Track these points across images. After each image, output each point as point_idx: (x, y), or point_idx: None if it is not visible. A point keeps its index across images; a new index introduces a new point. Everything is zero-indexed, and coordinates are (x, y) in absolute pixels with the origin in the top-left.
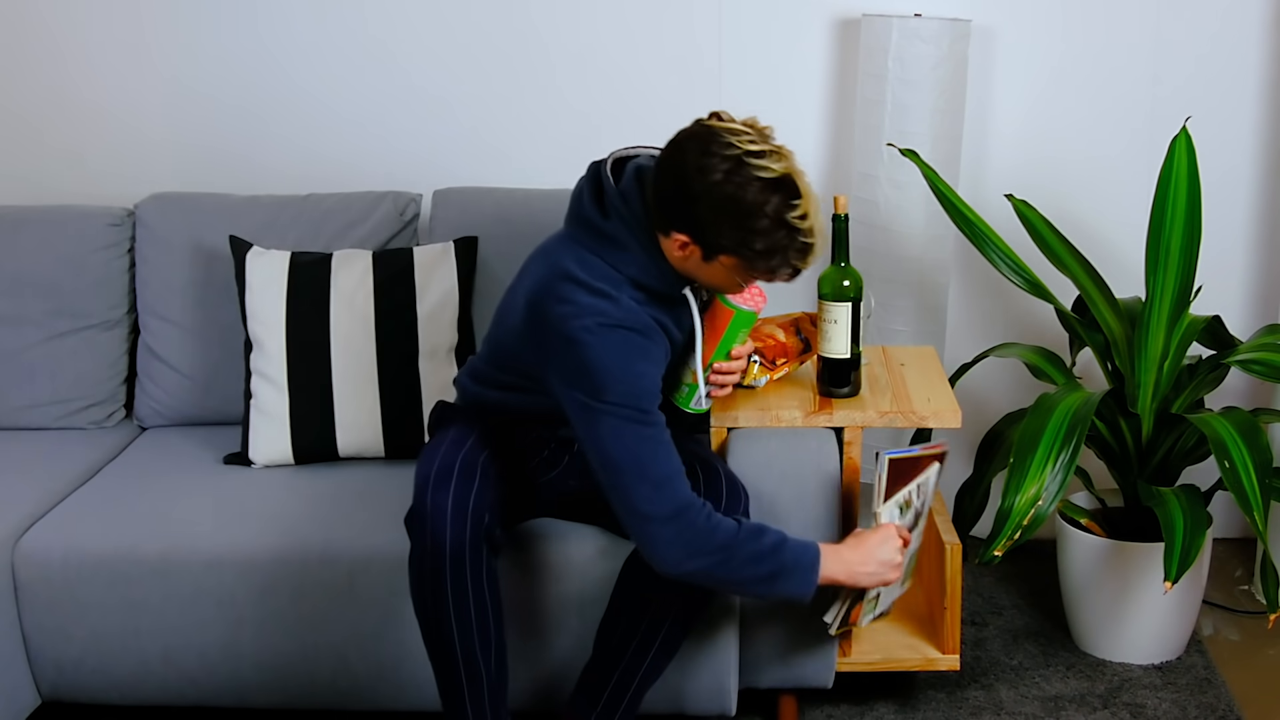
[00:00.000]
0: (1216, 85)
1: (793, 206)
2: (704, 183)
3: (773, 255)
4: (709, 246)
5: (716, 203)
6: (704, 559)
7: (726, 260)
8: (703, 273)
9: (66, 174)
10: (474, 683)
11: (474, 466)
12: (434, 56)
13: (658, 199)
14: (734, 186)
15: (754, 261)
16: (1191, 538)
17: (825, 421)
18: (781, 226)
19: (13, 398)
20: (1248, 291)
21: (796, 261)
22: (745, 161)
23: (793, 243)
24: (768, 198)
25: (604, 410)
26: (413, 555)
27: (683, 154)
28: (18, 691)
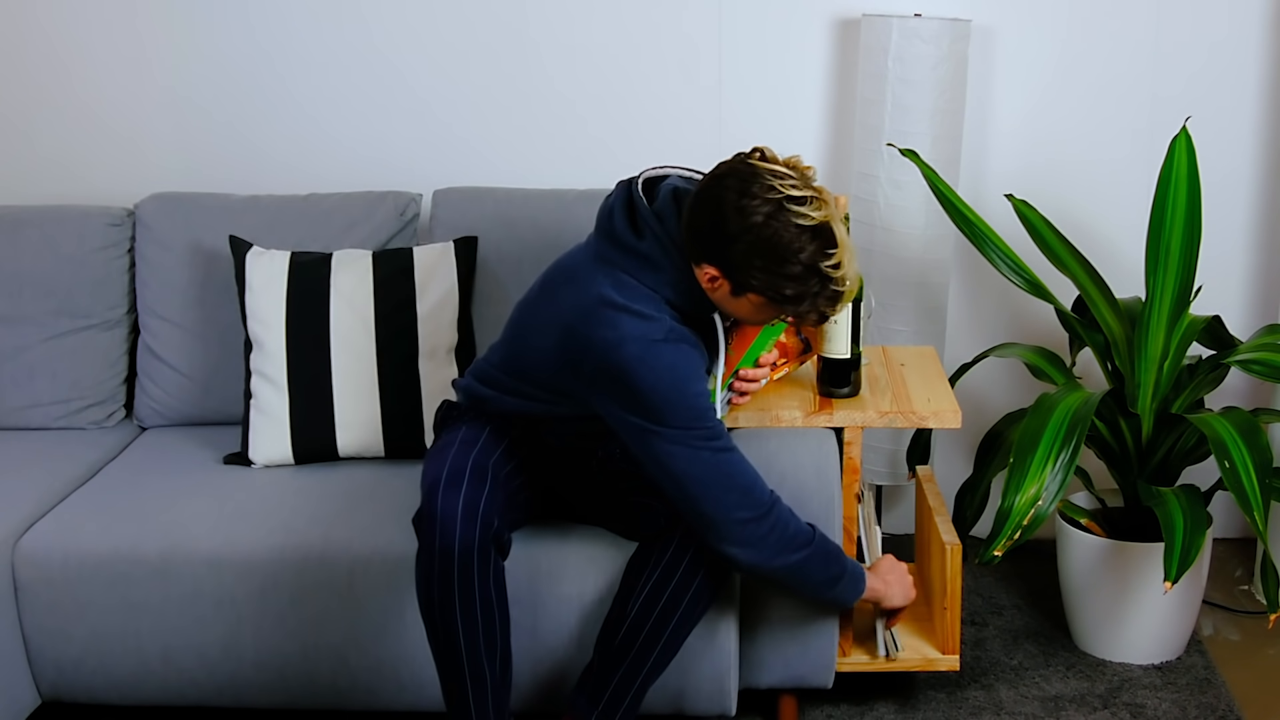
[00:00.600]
0: (1216, 85)
1: (828, 255)
2: (742, 223)
3: (802, 300)
4: (739, 285)
5: (752, 244)
6: (799, 553)
7: (755, 299)
8: (729, 305)
9: (67, 174)
10: (478, 685)
11: (485, 470)
12: (434, 57)
13: (692, 230)
14: (772, 231)
15: (783, 305)
16: (1191, 538)
17: (825, 421)
18: (815, 274)
19: (13, 398)
20: (1248, 291)
21: (825, 308)
22: (786, 207)
23: (824, 290)
24: (804, 245)
25: (670, 436)
26: (420, 557)
27: (723, 189)
28: (18, 691)
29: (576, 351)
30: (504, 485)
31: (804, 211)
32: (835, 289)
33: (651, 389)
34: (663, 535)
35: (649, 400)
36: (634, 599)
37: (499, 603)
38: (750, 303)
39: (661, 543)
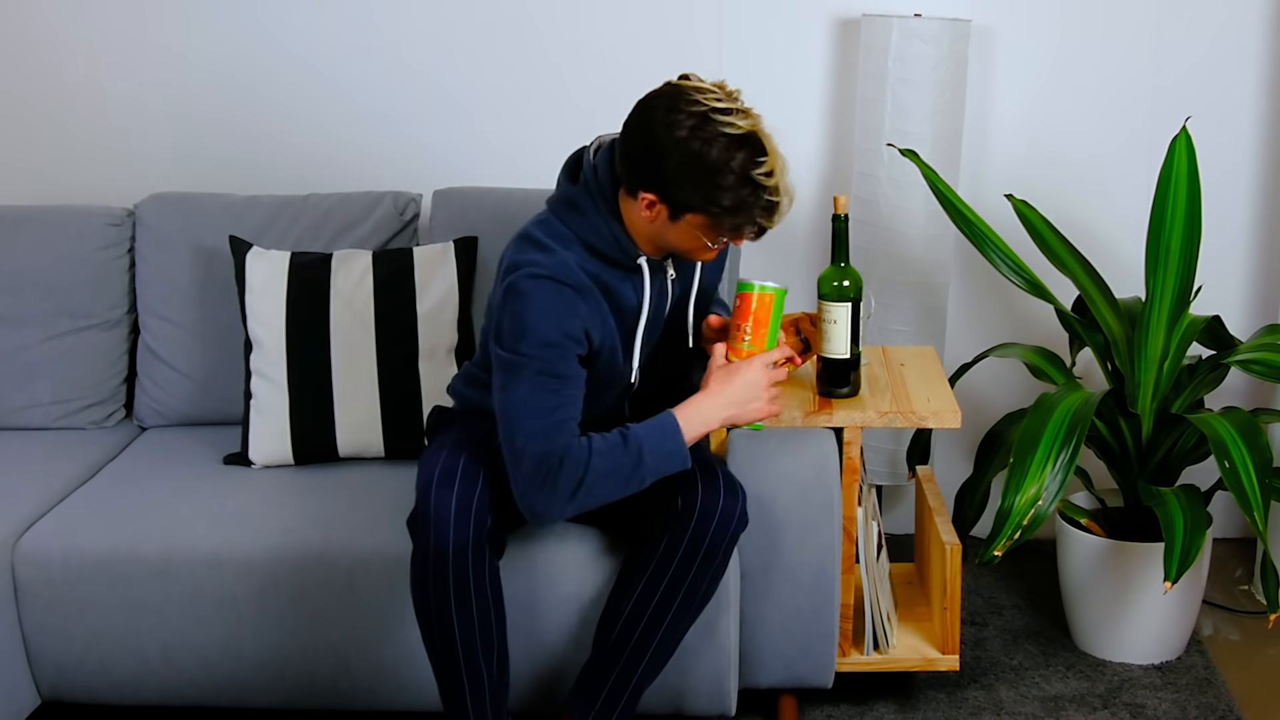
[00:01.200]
0: (1216, 85)
1: (758, 164)
2: (670, 139)
3: (738, 212)
4: (675, 204)
5: (682, 159)
6: (564, 486)
7: (693, 219)
8: (670, 235)
9: (66, 174)
10: (475, 685)
11: (477, 469)
12: (434, 56)
13: (625, 158)
14: (700, 142)
15: (720, 219)
16: (1191, 538)
17: (825, 421)
18: (747, 184)
19: (13, 398)
20: (1248, 291)
21: (762, 220)
22: (711, 118)
23: (758, 200)
24: (733, 154)
25: (516, 362)
26: (415, 557)
27: (650, 111)
28: (18, 691)
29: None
30: (498, 485)
31: (730, 121)
32: (770, 199)
33: (521, 310)
34: (657, 535)
35: (515, 323)
36: (627, 598)
37: (495, 602)
38: (690, 225)
39: (654, 542)
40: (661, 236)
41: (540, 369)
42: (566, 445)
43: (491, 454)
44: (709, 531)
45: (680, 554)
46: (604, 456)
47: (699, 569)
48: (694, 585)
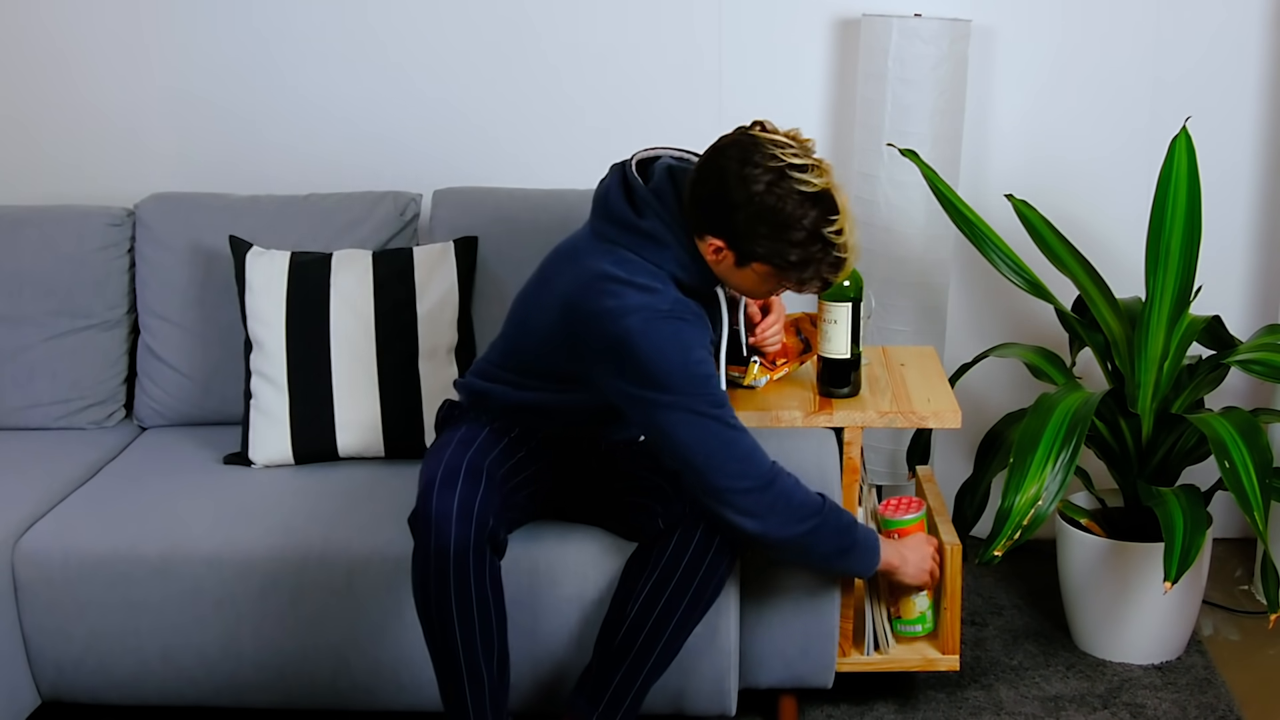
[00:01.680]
0: (1216, 85)
1: (830, 221)
2: (745, 192)
3: (806, 267)
4: (743, 254)
5: (756, 212)
6: (805, 523)
7: (759, 268)
8: (734, 277)
9: (66, 174)
10: (476, 685)
11: (480, 469)
12: (434, 56)
13: (695, 202)
14: (775, 198)
15: (786, 272)
16: (1191, 538)
17: (825, 421)
18: (818, 240)
19: (13, 398)
20: (1248, 291)
21: (829, 275)
22: (788, 174)
23: (826, 256)
24: (807, 211)
25: (672, 405)
26: (416, 557)
27: (725, 160)
28: (18, 691)
29: (579, 325)
30: (500, 485)
31: (805, 178)
32: (838, 255)
33: (654, 359)
34: (662, 536)
35: (652, 370)
36: (633, 600)
37: (495, 602)
38: (755, 273)
39: (660, 544)
40: (724, 277)
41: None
42: (775, 468)
43: (496, 453)
44: (717, 533)
45: (688, 556)
46: (837, 515)
47: (706, 571)
48: (700, 587)
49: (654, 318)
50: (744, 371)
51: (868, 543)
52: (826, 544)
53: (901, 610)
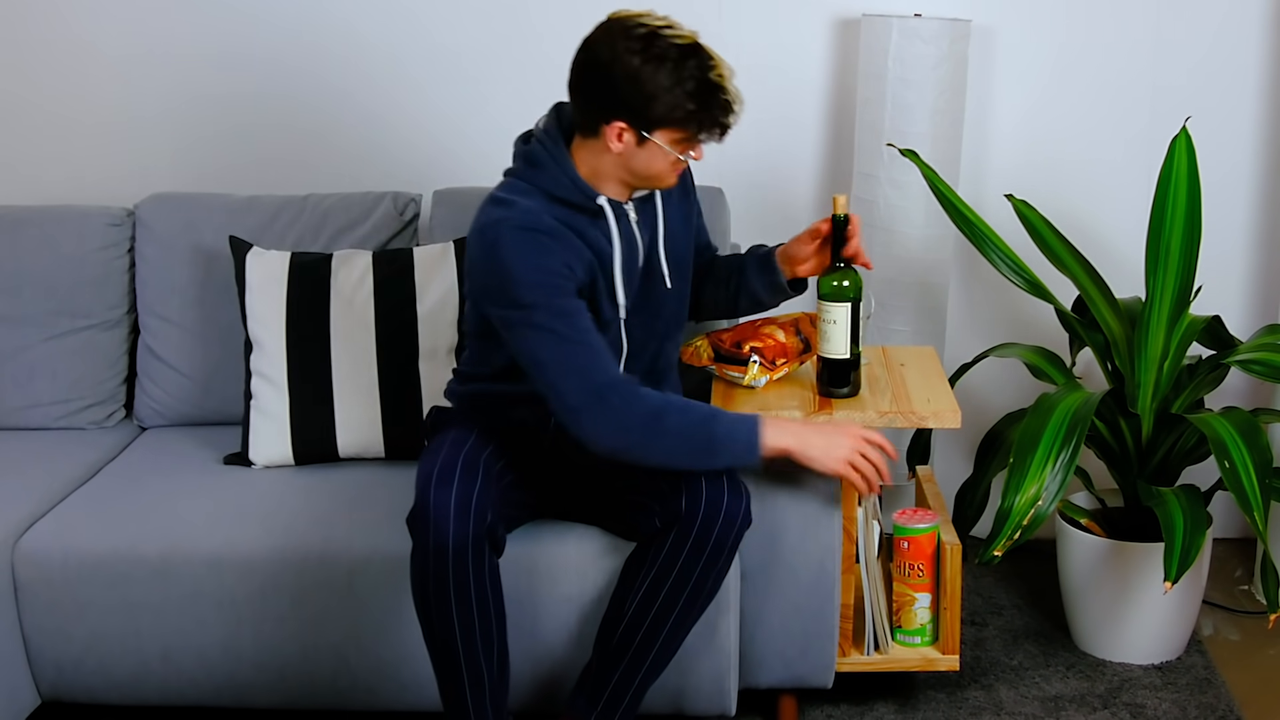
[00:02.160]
0: (1216, 85)
1: (712, 66)
2: (628, 64)
3: (702, 114)
4: (644, 123)
5: (646, 75)
6: (631, 435)
7: (662, 135)
8: (639, 161)
9: (66, 174)
10: (476, 683)
11: (476, 464)
12: (433, 56)
13: (584, 97)
14: (655, 58)
15: (686, 123)
16: (1191, 538)
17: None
18: (706, 86)
19: (13, 398)
20: (1248, 291)
21: (723, 118)
22: (659, 35)
23: (717, 100)
24: (687, 59)
25: (521, 321)
26: (415, 555)
27: (598, 49)
28: (18, 691)
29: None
30: (496, 480)
31: (674, 34)
32: (725, 98)
33: (504, 265)
34: (659, 535)
35: (502, 280)
36: (631, 598)
37: (494, 600)
38: (659, 144)
39: (658, 542)
40: (629, 166)
41: (545, 315)
42: (634, 390)
43: (490, 450)
44: (714, 531)
45: (685, 554)
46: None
47: (703, 569)
48: (698, 585)
49: (506, 229)
50: (744, 371)
51: (734, 434)
52: (678, 446)
53: (902, 621)
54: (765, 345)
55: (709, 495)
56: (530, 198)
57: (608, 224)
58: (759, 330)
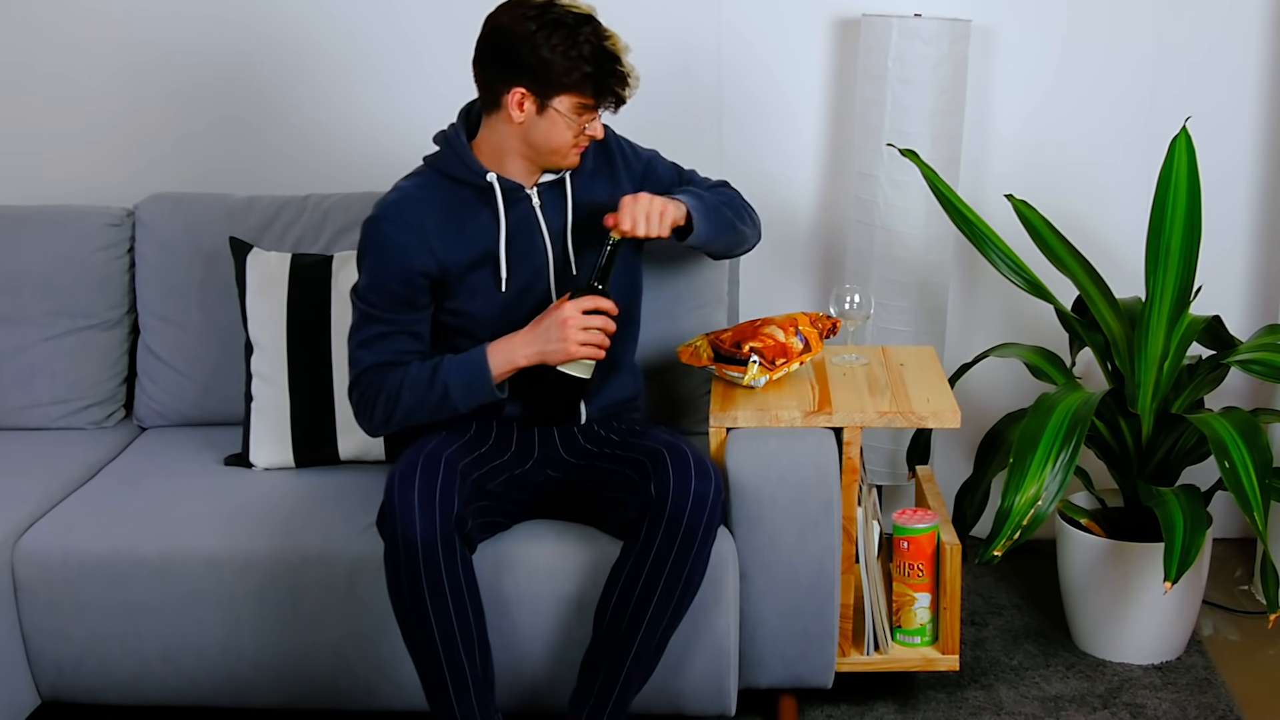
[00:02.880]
0: (1216, 85)
1: (605, 36)
2: (525, 30)
3: (601, 81)
4: (543, 86)
5: (539, 39)
6: (377, 416)
7: (560, 102)
8: (539, 132)
9: (66, 174)
10: (459, 681)
11: (438, 460)
12: (433, 56)
13: (486, 70)
14: (550, 23)
15: (583, 87)
16: (1191, 538)
17: (825, 421)
18: (600, 53)
19: (13, 398)
20: (1248, 291)
21: (619, 87)
22: (554, 4)
23: (612, 70)
24: (582, 26)
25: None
26: (387, 556)
27: (498, 19)
28: (18, 691)
29: None
30: (463, 474)
31: (570, 4)
32: (620, 68)
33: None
34: (636, 525)
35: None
36: (614, 590)
37: (470, 594)
38: (558, 111)
39: (634, 532)
40: (529, 139)
41: (366, 312)
42: (383, 380)
43: (456, 447)
44: (684, 516)
45: (658, 542)
46: (412, 390)
47: (678, 555)
48: (675, 572)
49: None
50: (744, 371)
51: (467, 380)
52: (421, 412)
53: (902, 621)
54: (765, 345)
55: (676, 479)
56: (422, 177)
57: (495, 202)
58: (759, 330)
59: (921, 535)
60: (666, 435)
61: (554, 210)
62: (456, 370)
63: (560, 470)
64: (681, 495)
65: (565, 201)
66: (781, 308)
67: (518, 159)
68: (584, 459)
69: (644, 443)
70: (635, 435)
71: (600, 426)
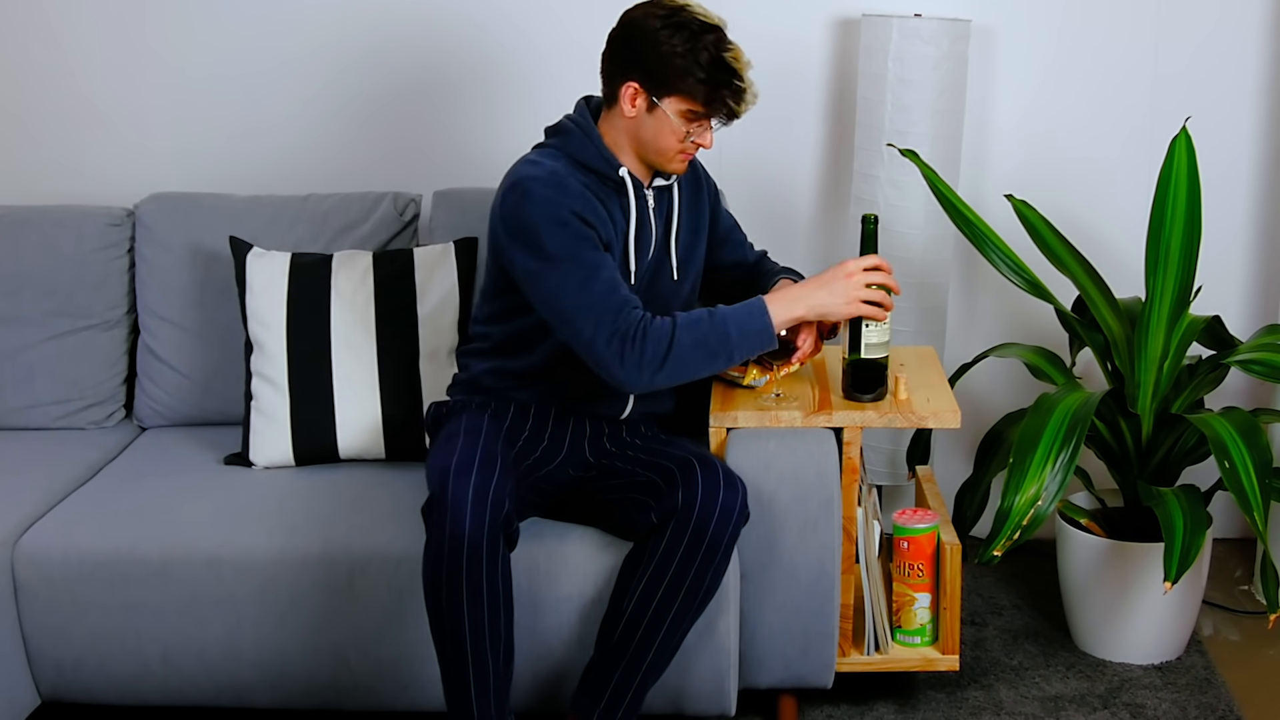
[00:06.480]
0: (1216, 85)
1: (729, 48)
2: (650, 26)
3: (714, 91)
4: (656, 84)
5: (661, 38)
6: (653, 367)
7: (671, 103)
8: (649, 132)
9: (66, 174)
10: (481, 677)
11: (494, 454)
12: (433, 56)
13: (609, 61)
14: (676, 24)
15: (695, 94)
16: (1191, 538)
17: (825, 421)
18: (718, 64)
19: (13, 398)
20: (1248, 291)
21: (732, 101)
22: (686, 6)
23: (728, 81)
24: (705, 35)
25: (547, 266)
26: (429, 546)
27: (631, 13)
28: (18, 691)
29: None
30: (513, 467)
31: (701, 13)
32: (738, 82)
33: (529, 216)
34: (656, 531)
35: (529, 230)
36: (630, 596)
37: (505, 594)
38: (667, 113)
39: (655, 538)
40: (639, 135)
41: (569, 257)
42: (638, 318)
43: (502, 439)
44: (710, 526)
45: (682, 550)
46: (689, 329)
47: (700, 565)
48: (696, 581)
49: (536, 184)
50: (744, 371)
51: (746, 327)
52: (700, 360)
53: (902, 621)
54: None
55: (704, 490)
56: (557, 161)
57: (627, 198)
58: None
59: (921, 535)
60: (693, 446)
61: (659, 214)
62: (735, 317)
63: (580, 469)
64: (709, 505)
65: (672, 207)
66: None
67: (630, 155)
68: (605, 459)
69: (672, 450)
70: (661, 443)
71: (629, 430)
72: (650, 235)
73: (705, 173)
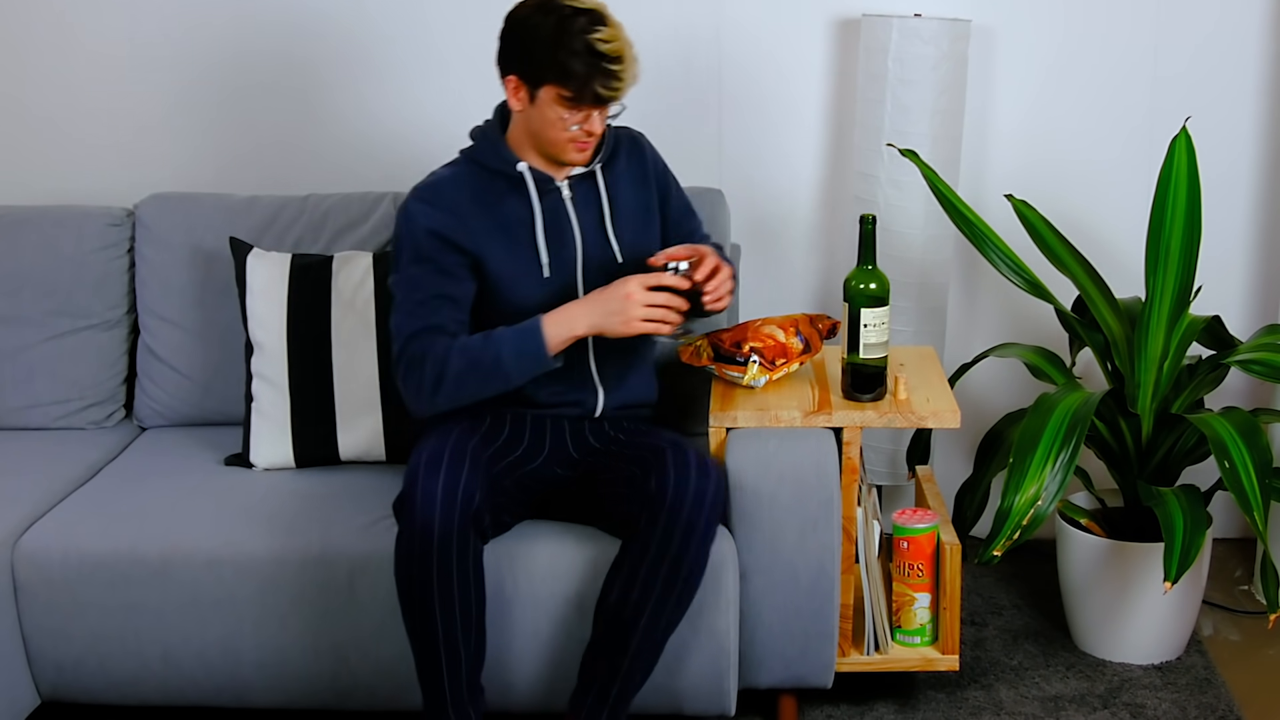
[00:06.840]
0: (1216, 85)
1: (598, 30)
2: (523, 17)
3: (586, 79)
4: (531, 77)
5: (530, 25)
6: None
7: (547, 93)
8: (536, 124)
9: (66, 174)
10: (453, 666)
11: (463, 452)
12: (432, 56)
13: (498, 56)
14: (547, 10)
15: (564, 80)
16: (1191, 538)
17: (824, 421)
18: (587, 46)
19: (13, 398)
20: (1248, 291)
21: (599, 84)
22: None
23: (598, 66)
24: (576, 19)
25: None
26: (400, 540)
27: (513, 9)
28: (18, 691)
29: None
30: (485, 467)
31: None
32: (608, 65)
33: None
34: (637, 520)
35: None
36: (615, 586)
37: (476, 586)
38: (547, 103)
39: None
40: (531, 128)
41: (404, 277)
42: (428, 346)
43: (477, 439)
44: (683, 510)
45: (657, 536)
46: (463, 353)
47: (677, 551)
48: (673, 567)
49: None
50: (744, 371)
51: (521, 350)
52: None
53: (902, 621)
54: (765, 345)
55: (676, 475)
56: (460, 167)
57: (528, 192)
58: (759, 330)
59: (921, 535)
60: (670, 435)
61: (586, 203)
62: (511, 337)
63: (567, 468)
64: (681, 491)
65: (598, 194)
66: (782, 308)
67: (530, 150)
68: (591, 456)
69: (648, 440)
70: (641, 434)
71: (610, 425)
72: (571, 226)
73: (654, 154)
